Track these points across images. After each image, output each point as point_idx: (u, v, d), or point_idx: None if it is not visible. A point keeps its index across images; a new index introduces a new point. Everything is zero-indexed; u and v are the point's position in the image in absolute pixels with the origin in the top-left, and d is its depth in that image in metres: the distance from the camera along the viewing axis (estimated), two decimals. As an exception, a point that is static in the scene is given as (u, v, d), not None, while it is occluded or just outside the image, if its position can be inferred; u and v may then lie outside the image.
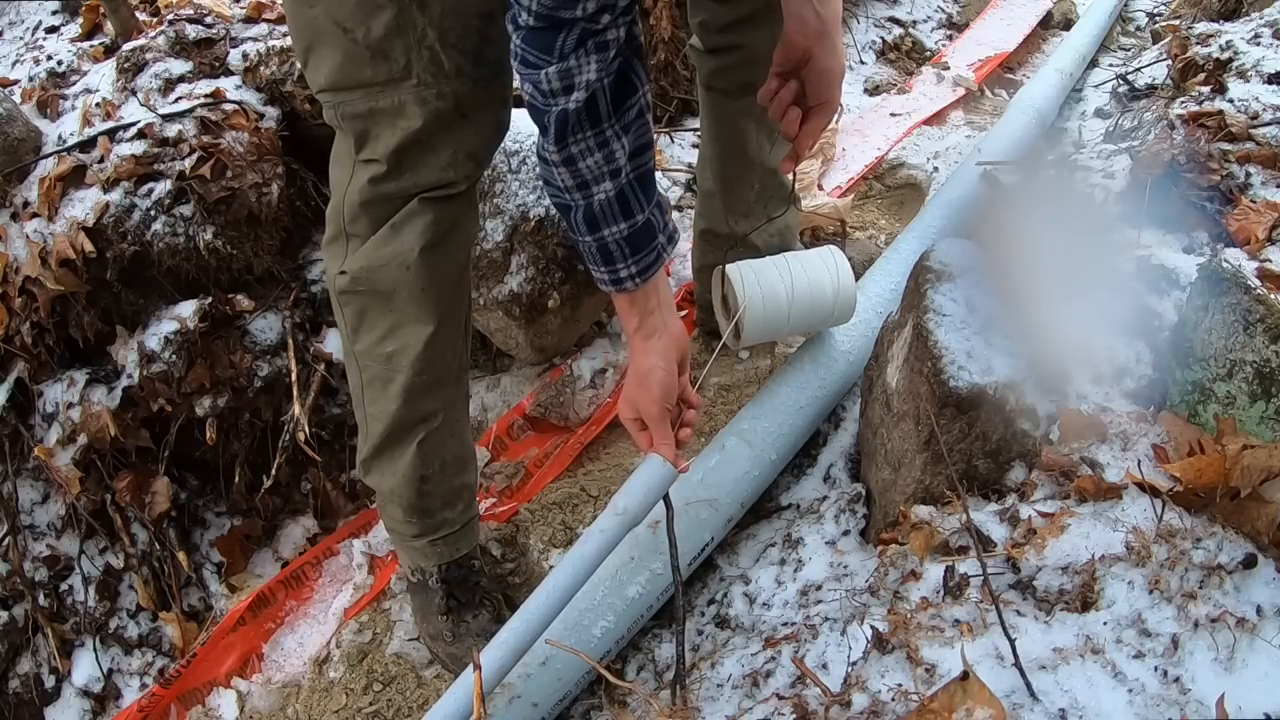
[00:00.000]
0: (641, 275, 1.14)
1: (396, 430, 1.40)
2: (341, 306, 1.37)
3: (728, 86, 1.65)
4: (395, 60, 1.14)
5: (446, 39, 1.13)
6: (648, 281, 1.15)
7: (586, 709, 1.41)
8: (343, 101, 1.21)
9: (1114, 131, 2.08)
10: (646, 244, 1.13)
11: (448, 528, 1.50)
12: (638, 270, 1.13)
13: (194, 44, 2.14)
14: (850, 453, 1.57)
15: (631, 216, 1.10)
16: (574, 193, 1.07)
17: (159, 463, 1.97)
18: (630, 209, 1.09)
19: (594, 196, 1.07)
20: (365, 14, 1.12)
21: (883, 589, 1.15)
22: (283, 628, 1.78)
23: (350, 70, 1.17)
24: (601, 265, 1.13)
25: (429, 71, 1.14)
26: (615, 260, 1.12)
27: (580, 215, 1.09)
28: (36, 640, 1.90)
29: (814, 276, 1.56)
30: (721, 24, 1.58)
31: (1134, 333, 1.19)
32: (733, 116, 1.68)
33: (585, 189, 1.07)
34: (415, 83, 1.15)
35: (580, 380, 2.02)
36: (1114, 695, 0.83)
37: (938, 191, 2.15)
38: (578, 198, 1.08)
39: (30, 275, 1.89)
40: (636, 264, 1.13)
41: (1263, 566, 0.89)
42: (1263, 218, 1.42)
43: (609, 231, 1.09)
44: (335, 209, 1.33)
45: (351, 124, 1.22)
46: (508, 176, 1.91)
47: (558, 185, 1.08)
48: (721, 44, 1.61)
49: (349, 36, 1.14)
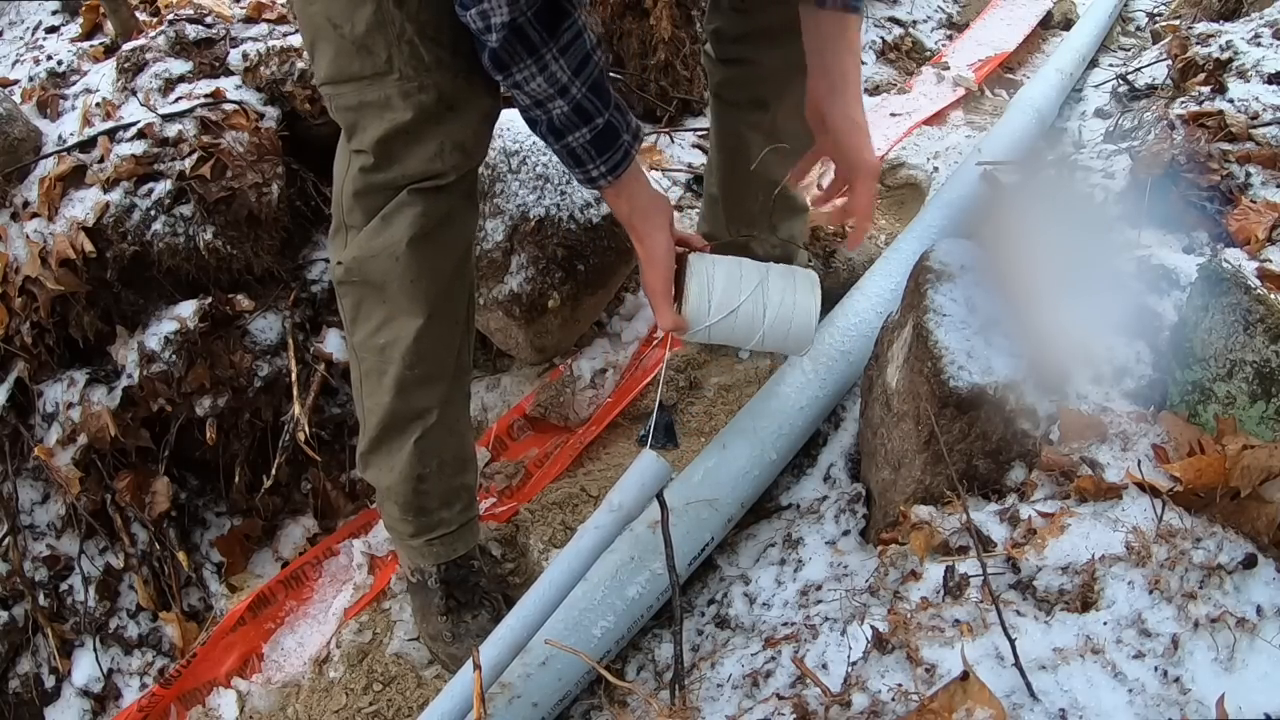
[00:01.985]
0: (612, 173, 1.22)
1: (391, 424, 1.41)
2: (341, 298, 1.40)
3: (736, 99, 1.65)
4: (377, 55, 1.17)
5: (425, 32, 1.15)
6: (619, 178, 1.23)
7: (586, 709, 1.41)
8: (337, 94, 1.24)
9: (1114, 131, 2.08)
10: (611, 144, 1.20)
11: (444, 528, 1.50)
12: (607, 169, 1.21)
13: (194, 44, 2.15)
14: (850, 453, 1.57)
15: (591, 121, 1.17)
16: (534, 109, 1.16)
17: (159, 463, 1.97)
18: (588, 115, 1.16)
19: (551, 111, 1.15)
20: (350, 10, 1.15)
21: (883, 589, 1.15)
22: (283, 628, 1.78)
23: (341, 65, 1.20)
24: (575, 167, 1.22)
25: (410, 65, 1.16)
26: (585, 162, 1.21)
27: (545, 128, 1.18)
28: (36, 640, 1.90)
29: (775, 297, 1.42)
30: (735, 35, 1.58)
31: (1134, 333, 1.19)
32: (738, 128, 1.69)
33: (541, 106, 1.15)
34: (398, 76, 1.17)
35: (580, 380, 2.02)
36: (1114, 695, 0.83)
37: (938, 191, 2.15)
38: (538, 113, 1.16)
39: (30, 275, 1.89)
40: (605, 163, 1.21)
41: (1263, 566, 0.89)
42: (1263, 218, 1.42)
43: (573, 138, 1.18)
44: (335, 200, 1.36)
45: (344, 116, 1.26)
46: (508, 176, 1.91)
47: (520, 105, 1.16)
48: (733, 55, 1.61)
49: (338, 32, 1.17)
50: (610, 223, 1.97)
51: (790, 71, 1.51)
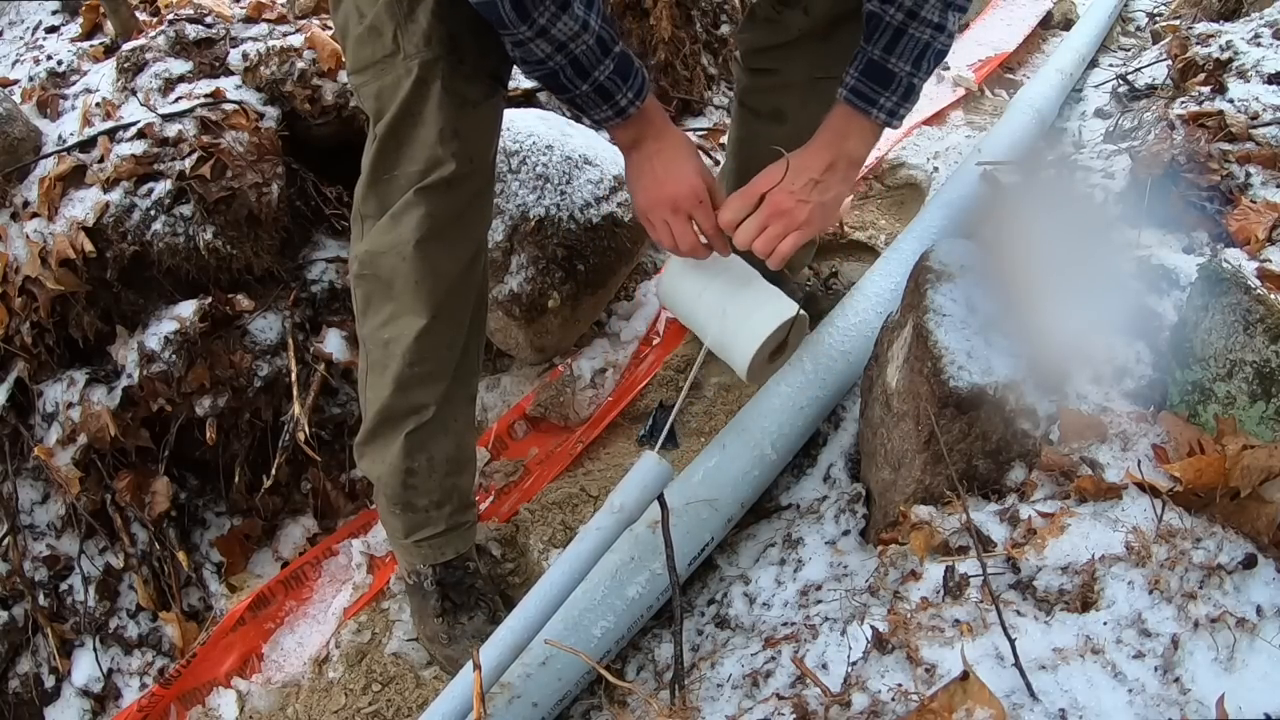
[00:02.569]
0: (638, 96, 1.21)
1: (387, 418, 1.41)
2: (354, 289, 1.41)
3: (757, 107, 1.66)
4: (385, 36, 1.18)
5: (429, 9, 1.16)
6: (645, 100, 1.22)
7: (586, 709, 1.41)
8: (361, 84, 1.26)
9: (1114, 131, 2.08)
10: (630, 68, 1.19)
11: (433, 527, 1.50)
12: (634, 94, 1.20)
13: (194, 44, 2.15)
14: (850, 453, 1.57)
15: (610, 51, 1.16)
16: (555, 56, 1.13)
17: (159, 463, 1.97)
18: (608, 46, 1.15)
19: (576, 50, 1.13)
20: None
21: (883, 589, 1.15)
22: (282, 628, 1.78)
23: (360, 52, 1.23)
24: (603, 104, 1.20)
25: (411, 43, 1.18)
26: (614, 93, 1.19)
27: (569, 71, 1.15)
28: (36, 640, 1.90)
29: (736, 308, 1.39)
30: (763, 45, 1.59)
31: (1134, 333, 1.19)
32: (755, 138, 1.70)
33: (564, 49, 1.12)
34: (402, 56, 1.19)
35: (580, 380, 2.02)
36: (1114, 695, 0.83)
37: (938, 191, 2.15)
38: (559, 59, 1.14)
39: (30, 275, 1.89)
40: (630, 89, 1.20)
41: (1263, 566, 0.89)
42: (1263, 218, 1.42)
43: (599, 71, 1.16)
44: (356, 189, 1.37)
45: (368, 104, 1.27)
46: (508, 176, 1.91)
47: (538, 57, 1.13)
48: (759, 65, 1.63)
49: (362, 21, 1.20)
50: (610, 223, 1.97)
51: (812, 84, 1.53)
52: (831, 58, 1.48)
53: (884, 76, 1.23)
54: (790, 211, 1.24)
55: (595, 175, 1.98)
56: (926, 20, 1.20)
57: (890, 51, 1.22)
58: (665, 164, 1.27)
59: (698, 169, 1.27)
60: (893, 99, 1.24)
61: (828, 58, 1.49)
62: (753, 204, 1.26)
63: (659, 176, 1.27)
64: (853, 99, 1.25)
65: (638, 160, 1.28)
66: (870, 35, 1.24)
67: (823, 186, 1.25)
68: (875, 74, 1.23)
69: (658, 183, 1.27)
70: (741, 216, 1.27)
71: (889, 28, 1.21)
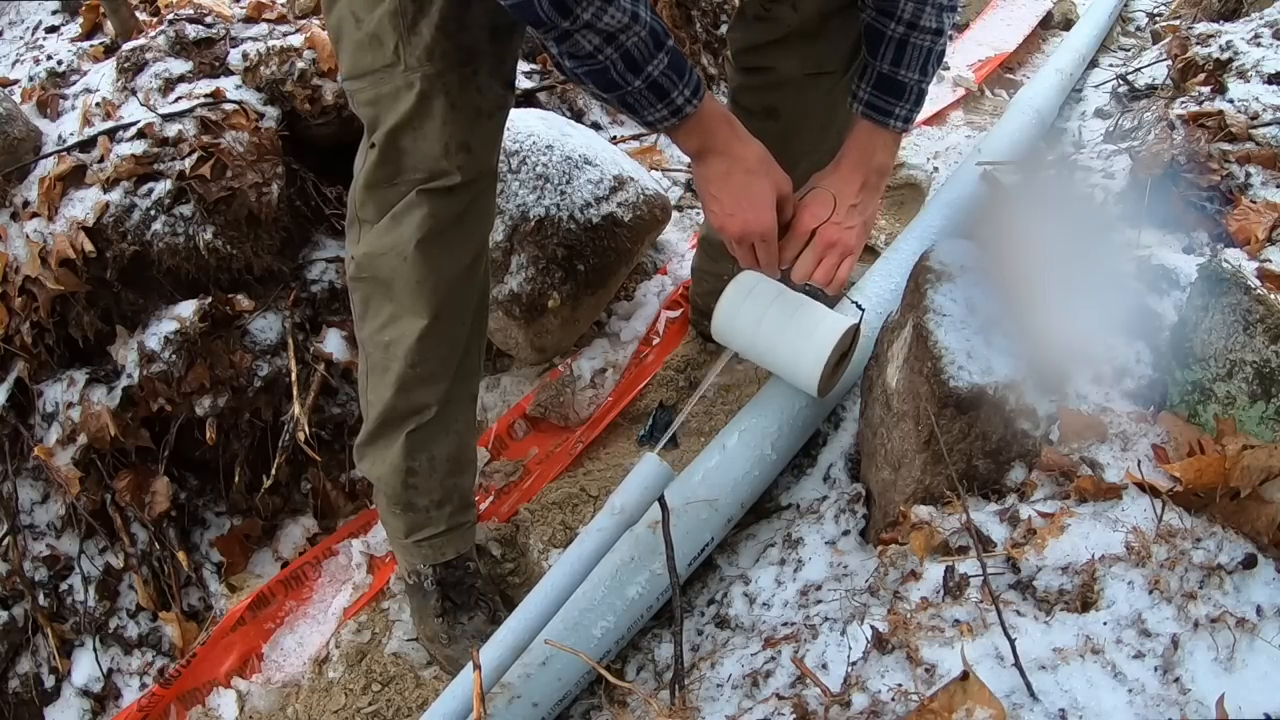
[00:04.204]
0: (695, 94, 1.15)
1: (389, 419, 1.42)
2: (351, 292, 1.41)
3: (750, 105, 1.67)
4: (386, 46, 1.17)
5: (442, 26, 1.16)
6: (702, 100, 1.16)
7: (586, 709, 1.41)
8: (357, 90, 1.25)
9: (1114, 131, 2.08)
10: (684, 65, 1.13)
11: (433, 527, 1.50)
12: (691, 92, 1.14)
13: (194, 44, 2.14)
14: (850, 453, 1.57)
15: (663, 45, 1.10)
16: (604, 49, 1.06)
17: (159, 463, 1.97)
18: (660, 40, 1.10)
19: (628, 42, 1.06)
20: (372, 3, 1.16)
21: (883, 589, 1.15)
22: (282, 628, 1.78)
23: (357, 59, 1.22)
24: (657, 102, 1.13)
25: (414, 56, 1.17)
26: (669, 90, 1.13)
27: (620, 66, 1.08)
28: (36, 640, 1.90)
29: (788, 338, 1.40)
30: (754, 43, 1.59)
31: (1134, 333, 1.19)
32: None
33: (614, 40, 1.06)
34: (404, 68, 1.18)
35: (580, 380, 2.02)
36: (1114, 695, 0.83)
37: (938, 191, 2.15)
38: (609, 51, 1.07)
39: (30, 275, 1.89)
40: (686, 85, 1.14)
41: (1263, 566, 0.89)
42: (1263, 218, 1.42)
43: (652, 66, 1.09)
44: (350, 194, 1.36)
45: (364, 111, 1.26)
46: (508, 176, 1.91)
47: (586, 51, 1.06)
48: (750, 63, 1.62)
49: (359, 27, 1.19)
50: (610, 223, 1.97)
51: (804, 81, 1.53)
52: (822, 54, 1.49)
53: (895, 88, 1.28)
54: (841, 240, 1.29)
55: (595, 175, 1.98)
56: (925, 28, 1.24)
57: (898, 64, 1.27)
58: (734, 193, 1.23)
59: (768, 199, 1.24)
60: (906, 106, 1.30)
61: (818, 54, 1.50)
62: (804, 242, 1.30)
63: (727, 207, 1.24)
64: (870, 113, 1.30)
65: (706, 175, 1.25)
66: (875, 49, 1.28)
67: (861, 207, 1.31)
68: (887, 87, 1.28)
69: (726, 213, 1.25)
70: (795, 254, 1.30)
71: (892, 41, 1.25)
